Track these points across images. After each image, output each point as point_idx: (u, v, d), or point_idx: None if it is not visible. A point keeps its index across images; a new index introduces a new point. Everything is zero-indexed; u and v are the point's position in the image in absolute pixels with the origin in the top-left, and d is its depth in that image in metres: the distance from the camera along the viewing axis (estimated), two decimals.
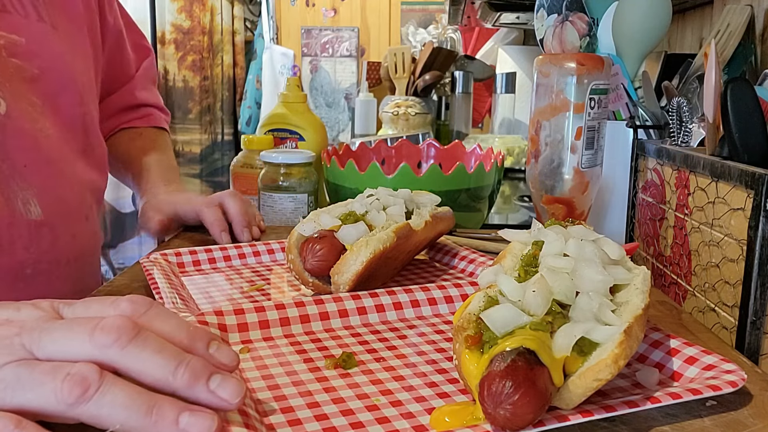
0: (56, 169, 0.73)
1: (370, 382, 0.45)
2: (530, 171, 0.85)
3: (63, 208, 0.74)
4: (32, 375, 0.35)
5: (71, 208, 0.76)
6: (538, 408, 0.36)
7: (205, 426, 0.34)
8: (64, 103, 0.76)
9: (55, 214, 0.72)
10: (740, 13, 1.00)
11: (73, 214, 0.76)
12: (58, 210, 0.73)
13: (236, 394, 0.36)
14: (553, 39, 1.04)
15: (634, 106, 0.89)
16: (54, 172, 0.73)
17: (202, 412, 0.35)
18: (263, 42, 3.02)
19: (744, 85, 0.60)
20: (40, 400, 0.34)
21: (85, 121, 0.80)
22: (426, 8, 3.12)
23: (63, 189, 0.74)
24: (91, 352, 0.35)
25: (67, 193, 0.75)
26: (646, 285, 0.46)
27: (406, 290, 0.59)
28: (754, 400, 0.43)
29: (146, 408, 0.34)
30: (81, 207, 0.78)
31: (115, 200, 3.06)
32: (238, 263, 0.75)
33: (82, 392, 0.34)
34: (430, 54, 2.15)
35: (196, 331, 0.39)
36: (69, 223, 0.75)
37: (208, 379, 0.36)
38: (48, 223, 0.71)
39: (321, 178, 1.07)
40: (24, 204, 0.69)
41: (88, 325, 0.36)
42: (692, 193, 0.64)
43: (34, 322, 0.38)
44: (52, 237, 0.72)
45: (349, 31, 3.14)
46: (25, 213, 0.69)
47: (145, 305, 0.39)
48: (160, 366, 0.36)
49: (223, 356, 0.39)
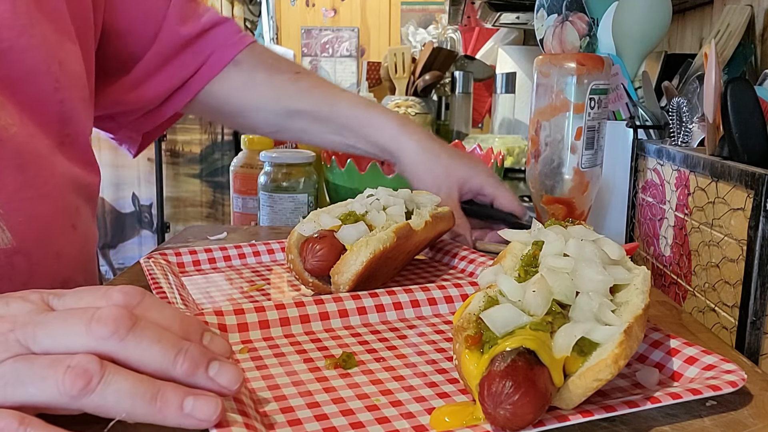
0: (26, 177, 0.58)
1: (370, 382, 0.45)
2: (530, 171, 0.85)
3: (39, 225, 0.59)
4: (32, 370, 0.34)
5: (50, 223, 0.61)
6: (538, 408, 0.36)
7: (210, 410, 0.35)
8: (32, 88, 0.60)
9: (30, 237, 0.58)
10: (740, 13, 1.00)
11: (54, 230, 0.61)
12: (34, 230, 0.58)
13: (235, 380, 0.37)
14: (553, 39, 1.04)
15: (634, 106, 0.89)
16: (24, 181, 0.58)
17: (205, 396, 0.35)
18: (263, 42, 3.02)
19: (744, 85, 0.60)
20: (43, 395, 0.34)
21: (64, 109, 0.63)
22: (426, 8, 3.12)
23: (37, 201, 0.59)
24: (89, 344, 0.35)
25: (43, 206, 0.60)
26: (646, 285, 0.46)
27: (406, 290, 0.59)
28: (754, 400, 0.43)
29: (150, 395, 0.34)
30: (64, 215, 0.63)
31: (115, 200, 3.07)
32: (238, 263, 0.75)
33: (85, 384, 0.34)
34: (430, 54, 2.15)
35: (189, 321, 0.39)
36: (49, 242, 0.61)
37: (207, 366, 0.36)
38: (21, 250, 0.57)
39: (321, 178, 1.07)
40: None
41: (84, 317, 0.36)
42: (692, 193, 0.64)
43: (26, 316, 0.38)
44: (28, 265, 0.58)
45: (349, 31, 3.14)
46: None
47: (138, 295, 0.39)
48: (160, 355, 0.36)
49: (216, 346, 0.39)
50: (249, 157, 1.16)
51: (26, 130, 0.59)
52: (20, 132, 0.58)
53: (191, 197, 3.15)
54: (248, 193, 1.12)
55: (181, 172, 3.12)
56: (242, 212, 1.13)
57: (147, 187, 3.06)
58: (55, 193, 0.62)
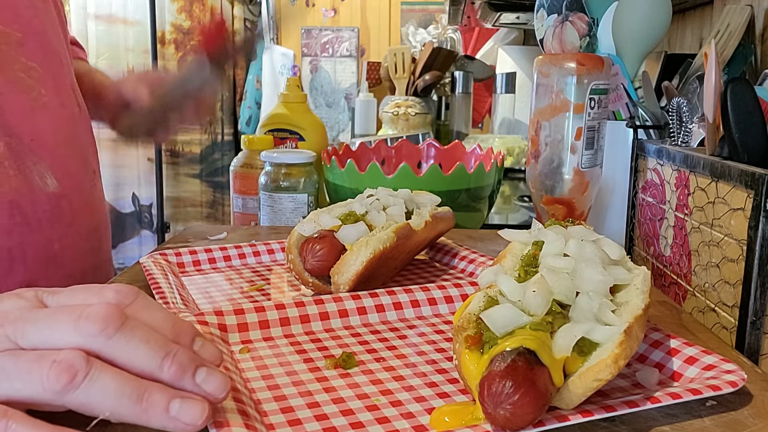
0: (59, 139, 0.73)
1: (370, 382, 0.45)
2: (530, 171, 0.85)
3: (73, 177, 0.74)
4: (18, 364, 0.34)
5: (80, 177, 0.76)
6: (538, 408, 0.36)
7: (197, 413, 0.34)
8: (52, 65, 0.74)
9: (68, 185, 0.72)
10: (740, 13, 1.00)
11: (83, 183, 0.76)
12: (70, 180, 0.73)
13: (222, 389, 0.36)
14: (553, 39, 1.04)
15: (634, 106, 0.89)
16: (58, 142, 0.72)
17: (192, 399, 0.35)
18: (263, 42, 3.02)
19: (744, 85, 0.60)
20: (27, 390, 0.34)
21: (73, 83, 0.79)
22: (426, 8, 3.12)
23: (70, 158, 0.74)
24: (77, 340, 0.35)
25: (74, 162, 0.75)
26: (646, 285, 0.46)
27: (406, 290, 0.59)
28: (754, 400, 0.43)
29: (136, 395, 0.34)
30: (87, 174, 0.78)
31: (115, 200, 3.07)
32: (238, 263, 0.75)
33: (69, 379, 0.33)
34: (430, 54, 2.15)
35: (181, 324, 0.39)
36: (81, 192, 0.75)
37: (195, 372, 0.36)
38: (65, 195, 0.71)
39: (321, 178, 1.07)
40: (41, 178, 0.68)
41: (73, 314, 0.36)
42: (692, 193, 0.64)
43: (17, 312, 0.37)
44: (70, 209, 0.72)
45: (349, 31, 3.14)
46: (43, 187, 0.68)
47: (131, 295, 0.39)
48: (148, 356, 0.35)
49: (206, 353, 0.38)
50: (249, 157, 1.16)
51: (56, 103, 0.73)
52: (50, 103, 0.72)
53: (191, 197, 3.14)
54: (248, 193, 1.12)
55: (181, 172, 3.11)
56: (242, 212, 1.13)
57: (147, 187, 3.06)
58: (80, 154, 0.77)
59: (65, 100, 0.76)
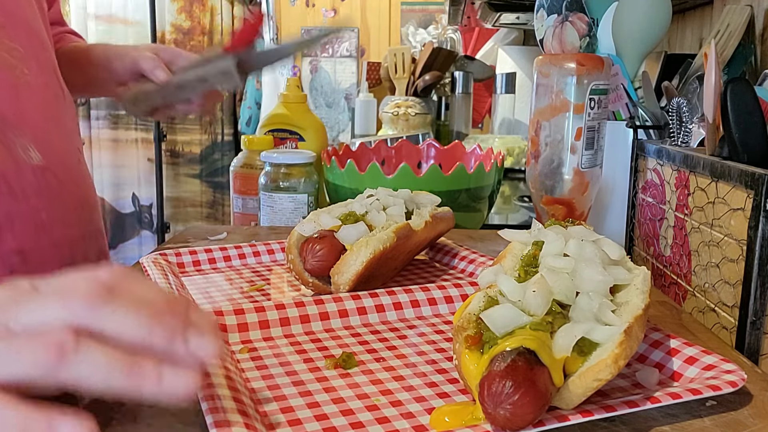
0: (43, 116, 0.73)
1: (370, 382, 0.45)
2: (530, 171, 0.85)
3: (58, 152, 0.74)
4: (9, 347, 0.34)
5: (65, 152, 0.76)
6: (538, 408, 0.36)
7: (188, 383, 0.34)
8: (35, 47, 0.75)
9: (54, 160, 0.73)
10: (740, 13, 1.00)
11: (68, 158, 0.77)
12: (54, 154, 0.73)
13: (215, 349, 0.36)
14: (553, 39, 1.04)
15: (634, 106, 0.89)
16: (42, 118, 0.73)
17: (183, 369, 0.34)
18: (264, 42, 3.01)
19: (744, 85, 0.60)
20: (19, 371, 0.34)
21: (55, 68, 0.79)
22: (426, 8, 3.12)
23: (53, 134, 0.74)
24: (65, 316, 0.35)
25: (57, 139, 0.75)
26: (646, 285, 0.46)
27: (406, 290, 0.59)
28: (754, 400, 0.43)
29: (127, 366, 0.34)
30: (72, 151, 0.79)
31: (115, 200, 3.07)
32: (238, 263, 0.75)
33: (59, 355, 0.33)
34: (430, 54, 2.15)
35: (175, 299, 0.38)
36: (67, 167, 0.76)
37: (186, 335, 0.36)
38: (50, 168, 0.72)
39: (321, 179, 1.07)
40: (24, 150, 0.68)
41: (61, 292, 0.36)
42: (692, 193, 0.64)
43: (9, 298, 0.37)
44: (57, 181, 0.72)
45: (349, 31, 3.14)
46: (27, 159, 0.69)
47: (124, 273, 0.38)
48: (136, 324, 0.35)
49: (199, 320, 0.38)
50: (249, 157, 1.16)
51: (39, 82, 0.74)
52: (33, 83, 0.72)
53: (191, 197, 3.14)
54: (248, 194, 1.12)
55: (181, 173, 3.11)
56: (242, 212, 1.13)
57: (147, 187, 3.06)
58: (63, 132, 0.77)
59: (49, 81, 0.76)
